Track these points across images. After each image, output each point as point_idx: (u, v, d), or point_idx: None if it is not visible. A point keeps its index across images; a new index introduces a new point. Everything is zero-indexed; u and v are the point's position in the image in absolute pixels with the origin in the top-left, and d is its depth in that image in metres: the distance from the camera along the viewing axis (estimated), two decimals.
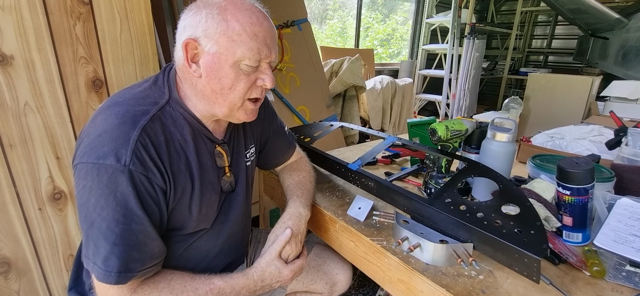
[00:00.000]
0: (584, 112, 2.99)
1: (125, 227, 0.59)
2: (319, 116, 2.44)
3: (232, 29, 0.63)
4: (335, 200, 0.99)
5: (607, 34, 3.66)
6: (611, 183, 0.87)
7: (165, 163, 0.64)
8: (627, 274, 0.68)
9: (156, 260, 0.65)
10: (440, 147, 0.99)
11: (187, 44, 0.64)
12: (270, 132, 0.95)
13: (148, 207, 0.62)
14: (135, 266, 0.60)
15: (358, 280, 1.63)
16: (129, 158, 0.58)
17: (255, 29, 0.64)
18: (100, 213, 0.58)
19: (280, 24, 2.20)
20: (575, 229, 0.77)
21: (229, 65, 0.64)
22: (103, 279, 0.59)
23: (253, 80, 0.68)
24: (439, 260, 0.70)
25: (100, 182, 0.57)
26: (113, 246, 0.58)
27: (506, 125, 0.92)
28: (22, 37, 0.88)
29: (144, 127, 0.61)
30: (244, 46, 0.63)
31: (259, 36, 0.65)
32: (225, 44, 0.63)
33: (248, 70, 0.66)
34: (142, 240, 0.61)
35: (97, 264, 0.59)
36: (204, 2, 0.65)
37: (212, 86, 0.66)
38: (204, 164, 0.72)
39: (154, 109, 0.65)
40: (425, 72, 4.69)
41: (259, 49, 0.65)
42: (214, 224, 0.78)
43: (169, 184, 0.65)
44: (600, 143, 1.30)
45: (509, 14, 5.50)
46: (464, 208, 0.72)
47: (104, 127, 0.60)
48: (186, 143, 0.69)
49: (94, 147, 0.58)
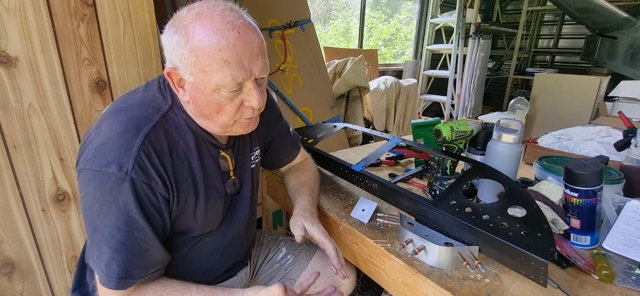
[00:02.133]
0: (591, 113, 2.95)
1: (128, 235, 0.59)
2: (322, 117, 2.43)
3: (202, 60, 0.58)
4: (338, 202, 0.99)
5: (615, 33, 3.61)
6: (620, 185, 0.85)
7: (168, 171, 0.64)
8: (637, 278, 0.67)
9: (158, 267, 0.65)
10: (445, 148, 0.98)
11: (168, 73, 0.63)
12: (275, 132, 0.95)
13: (150, 216, 0.62)
14: (136, 273, 0.61)
15: (362, 283, 1.62)
16: (131, 167, 0.58)
17: (225, 56, 0.58)
18: (103, 220, 0.59)
19: (283, 24, 2.20)
20: (583, 232, 0.76)
21: (209, 93, 0.62)
22: (105, 283, 0.61)
23: (239, 103, 0.65)
24: (444, 262, 0.70)
25: (103, 190, 0.58)
26: (115, 252, 0.59)
27: (512, 126, 0.90)
28: (27, 38, 0.88)
29: (147, 134, 0.61)
30: (217, 76, 0.59)
31: (232, 61, 0.59)
32: (199, 74, 0.60)
33: (230, 96, 0.63)
34: (144, 248, 0.62)
35: (100, 267, 0.60)
36: (176, 23, 0.61)
37: (201, 110, 0.65)
38: (207, 170, 0.72)
39: (157, 116, 0.65)
40: (430, 73, 4.67)
41: (234, 75, 0.59)
42: (219, 227, 0.78)
43: (172, 192, 0.65)
44: (608, 145, 1.28)
45: (514, 13, 5.46)
46: (469, 210, 0.71)
47: (108, 135, 0.60)
48: (189, 150, 0.69)
49: (98, 154, 0.59)
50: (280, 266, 1.00)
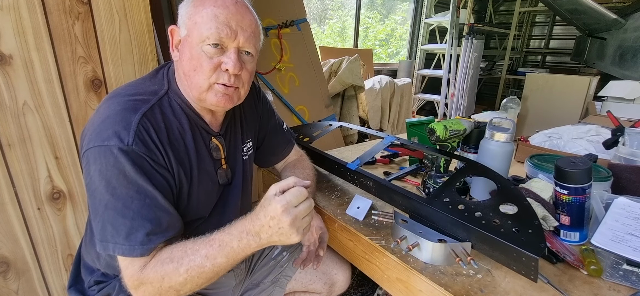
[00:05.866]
0: (581, 112, 3.00)
1: (141, 203, 0.61)
2: (318, 116, 2.44)
3: (197, 13, 0.66)
4: (334, 200, 1.00)
5: (605, 34, 3.67)
6: (608, 183, 0.87)
7: (165, 146, 0.66)
8: (624, 273, 0.69)
9: (175, 232, 0.66)
10: (438, 147, 0.99)
11: (171, 30, 0.70)
12: (267, 128, 0.96)
13: (157, 183, 0.63)
14: (156, 238, 0.62)
15: (357, 279, 1.63)
16: (132, 139, 0.60)
17: (217, 11, 0.65)
18: (113, 193, 0.59)
19: (280, 23, 2.20)
20: (572, 228, 0.78)
21: (194, 46, 0.66)
22: (128, 253, 0.61)
23: (217, 63, 0.67)
24: (438, 259, 0.71)
25: (107, 163, 0.59)
26: (132, 221, 0.60)
27: (504, 124, 0.92)
28: (21, 36, 0.88)
29: (145, 113, 0.64)
30: (204, 27, 0.65)
31: (220, 17, 0.65)
32: (191, 26, 0.66)
33: (211, 52, 0.66)
34: (158, 214, 0.63)
35: (118, 243, 0.60)
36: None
37: (184, 68, 0.68)
38: (201, 154, 0.74)
39: (154, 99, 0.67)
40: (424, 72, 4.70)
41: (219, 28, 0.65)
42: (211, 214, 0.79)
43: (171, 166, 0.67)
44: (597, 143, 1.30)
45: (507, 14, 5.51)
46: (462, 208, 0.72)
47: (107, 113, 0.62)
48: (184, 132, 0.71)
49: (99, 131, 0.60)
50: (276, 263, 1.01)
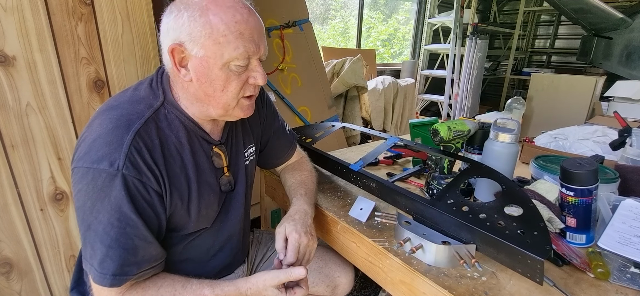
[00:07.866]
0: (587, 113, 2.97)
1: (120, 231, 0.59)
2: (320, 117, 2.44)
3: (217, 31, 0.61)
4: (336, 201, 0.99)
5: (611, 33, 3.63)
6: (615, 184, 0.86)
7: (159, 166, 0.64)
8: (632, 276, 0.68)
9: (154, 263, 0.65)
10: (442, 148, 0.98)
11: (172, 49, 0.63)
12: (271, 131, 0.95)
13: (142, 211, 0.62)
14: (131, 270, 0.61)
15: (360, 282, 1.62)
16: (123, 163, 0.59)
17: (240, 28, 0.62)
18: (96, 217, 0.59)
19: (282, 24, 2.20)
20: (579, 230, 0.77)
21: (219, 67, 0.63)
22: (98, 281, 0.60)
23: (245, 79, 0.67)
24: (442, 261, 0.70)
25: (95, 186, 0.58)
26: (108, 249, 0.59)
27: (509, 125, 0.91)
28: (24, 37, 0.88)
29: (138, 130, 0.62)
30: (230, 47, 0.62)
31: (245, 34, 0.63)
32: (211, 47, 0.61)
33: (239, 70, 0.65)
34: (138, 244, 0.61)
35: (93, 266, 0.60)
36: (184, 3, 0.62)
37: (205, 90, 0.66)
38: (200, 166, 0.72)
39: (149, 112, 0.65)
40: (428, 73, 4.68)
41: (246, 47, 0.63)
42: (214, 223, 0.78)
43: (165, 187, 0.65)
44: (604, 144, 1.29)
45: (511, 13, 5.48)
46: (466, 209, 0.71)
47: (99, 132, 0.61)
48: (181, 146, 0.69)
49: (89, 151, 0.59)
50: None
